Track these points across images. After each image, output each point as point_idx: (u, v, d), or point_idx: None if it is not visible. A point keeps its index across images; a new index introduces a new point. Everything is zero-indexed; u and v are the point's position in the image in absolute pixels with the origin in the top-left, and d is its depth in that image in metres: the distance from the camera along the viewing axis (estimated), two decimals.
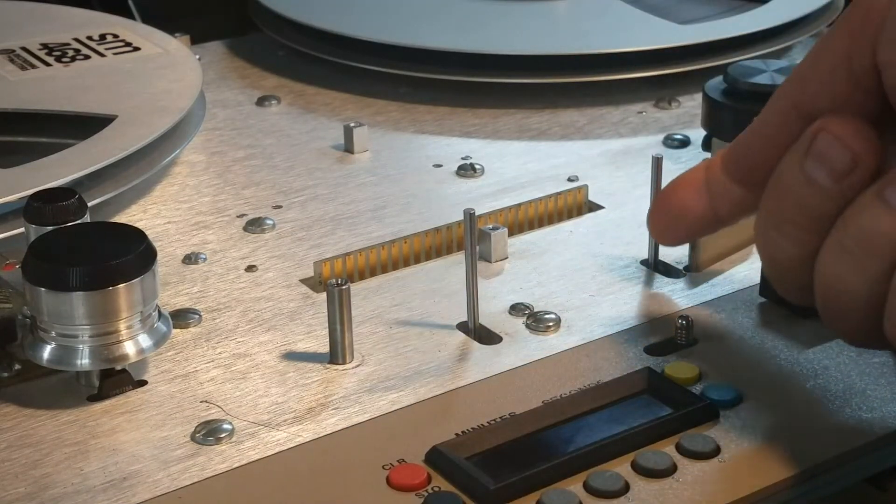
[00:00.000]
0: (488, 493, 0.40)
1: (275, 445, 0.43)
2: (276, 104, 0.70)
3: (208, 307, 0.51)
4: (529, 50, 0.70)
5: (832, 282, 0.40)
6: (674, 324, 0.48)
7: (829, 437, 0.43)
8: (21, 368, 0.46)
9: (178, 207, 0.59)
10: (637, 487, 0.40)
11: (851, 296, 0.40)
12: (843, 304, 0.40)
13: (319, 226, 0.57)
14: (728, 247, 0.54)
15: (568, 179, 0.61)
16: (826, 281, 0.40)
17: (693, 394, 0.44)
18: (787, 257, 0.41)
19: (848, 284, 0.40)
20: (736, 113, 0.58)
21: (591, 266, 0.53)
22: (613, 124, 0.67)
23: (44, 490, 0.41)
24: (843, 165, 0.39)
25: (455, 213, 0.55)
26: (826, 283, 0.40)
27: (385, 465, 0.41)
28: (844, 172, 0.39)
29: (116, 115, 0.60)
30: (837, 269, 0.40)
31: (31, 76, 0.66)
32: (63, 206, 0.46)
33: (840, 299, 0.40)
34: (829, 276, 0.40)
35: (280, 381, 0.46)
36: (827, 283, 0.40)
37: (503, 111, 0.69)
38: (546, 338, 0.48)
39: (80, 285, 0.43)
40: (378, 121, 0.68)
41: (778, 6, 0.76)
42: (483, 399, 0.45)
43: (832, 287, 0.40)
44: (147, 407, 0.45)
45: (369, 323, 0.49)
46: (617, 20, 0.75)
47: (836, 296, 0.40)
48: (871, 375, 0.46)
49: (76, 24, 0.72)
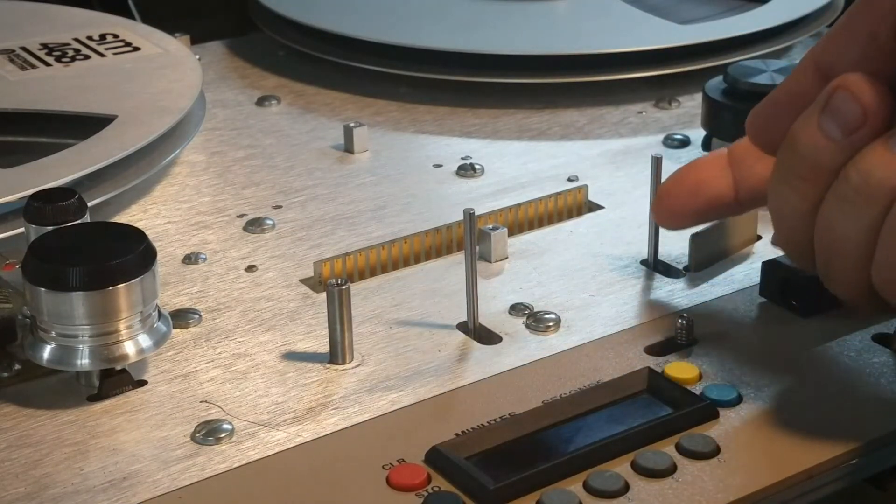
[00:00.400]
0: (488, 493, 0.40)
1: (275, 445, 0.43)
2: (276, 104, 0.70)
3: (208, 307, 0.51)
4: (529, 50, 0.70)
5: (830, 231, 0.42)
6: (674, 324, 0.48)
7: (829, 437, 0.43)
8: (21, 368, 0.46)
9: (178, 207, 0.59)
10: (637, 487, 0.40)
11: (846, 245, 0.42)
12: (839, 254, 0.42)
13: (319, 226, 0.57)
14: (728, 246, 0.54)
15: (568, 179, 0.61)
16: (824, 231, 0.43)
17: (693, 394, 0.44)
18: (793, 210, 0.43)
19: (844, 231, 0.42)
20: (736, 113, 0.58)
21: (591, 266, 0.53)
22: (613, 124, 0.67)
23: (44, 490, 0.41)
24: (854, 119, 0.41)
25: (455, 213, 0.55)
26: (824, 234, 0.43)
27: (385, 465, 0.41)
28: (855, 126, 0.41)
29: (116, 115, 0.60)
30: (835, 217, 0.42)
31: (31, 76, 0.66)
32: (63, 206, 0.46)
33: (836, 250, 0.42)
34: (827, 226, 0.42)
35: (280, 381, 0.46)
36: (825, 234, 0.43)
37: (503, 111, 0.69)
38: (546, 338, 0.48)
39: (80, 285, 0.43)
40: (378, 121, 0.68)
41: (778, 6, 0.76)
42: (483, 399, 0.45)
43: (829, 236, 0.42)
44: (147, 407, 0.45)
45: (369, 323, 0.49)
46: (617, 20, 0.75)
47: (833, 245, 0.42)
48: (871, 375, 0.46)
49: (76, 24, 0.72)
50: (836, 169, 0.42)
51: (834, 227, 0.42)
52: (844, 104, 0.42)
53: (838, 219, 0.42)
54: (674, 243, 0.53)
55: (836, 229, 0.42)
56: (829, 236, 0.43)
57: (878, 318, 0.47)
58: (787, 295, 0.50)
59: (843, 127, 0.42)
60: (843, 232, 0.42)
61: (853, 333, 0.48)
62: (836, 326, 0.48)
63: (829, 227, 0.42)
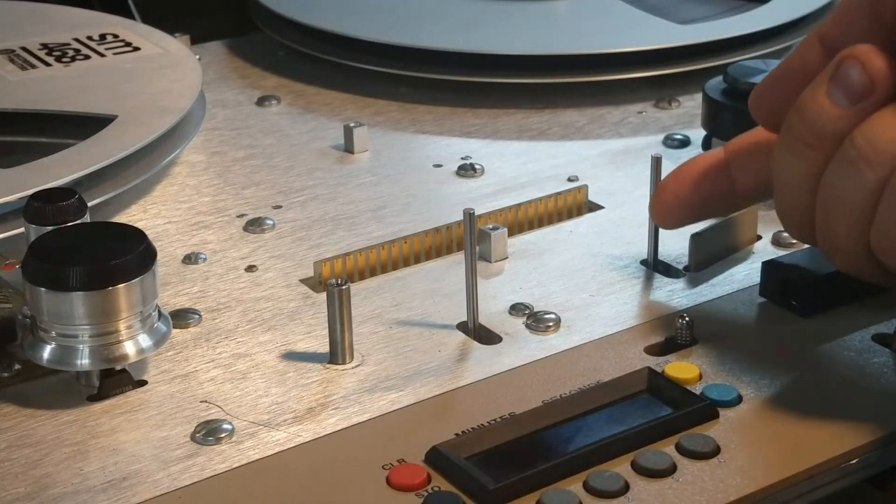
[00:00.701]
0: (488, 493, 0.40)
1: (275, 445, 0.43)
2: (276, 104, 0.70)
3: (208, 307, 0.51)
4: (529, 50, 0.70)
5: (833, 195, 0.43)
6: (674, 324, 0.48)
7: (829, 436, 0.43)
8: (21, 368, 0.46)
9: (178, 207, 0.59)
10: (637, 487, 0.40)
11: (848, 208, 0.43)
12: (840, 218, 0.43)
13: (319, 226, 0.57)
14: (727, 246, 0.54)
15: (568, 179, 0.61)
16: (828, 196, 0.43)
17: (693, 394, 0.44)
18: (797, 177, 0.44)
19: (846, 195, 0.43)
20: (736, 113, 0.58)
21: (591, 266, 0.53)
22: (613, 124, 0.67)
23: (44, 490, 0.41)
24: (862, 87, 0.42)
25: (455, 213, 0.55)
26: (827, 199, 0.43)
27: (385, 465, 0.41)
28: (862, 95, 0.43)
29: (116, 115, 0.60)
30: (839, 181, 0.43)
31: (31, 76, 0.66)
32: (63, 206, 0.46)
33: (837, 214, 0.43)
34: (830, 190, 0.43)
35: (280, 381, 0.46)
36: (828, 198, 0.43)
37: (503, 111, 0.69)
38: (546, 338, 0.48)
39: (80, 285, 0.43)
40: (378, 121, 0.68)
41: (778, 6, 0.76)
42: (483, 399, 0.45)
43: (832, 201, 0.43)
44: (147, 407, 0.45)
45: (369, 323, 0.49)
46: (617, 20, 0.75)
47: (835, 210, 0.43)
48: (871, 375, 0.46)
49: (76, 24, 0.72)
50: (841, 137, 0.43)
51: (837, 191, 0.43)
52: (853, 72, 0.43)
53: (842, 183, 0.43)
54: (674, 243, 0.53)
55: (840, 193, 0.43)
56: (831, 201, 0.43)
57: (878, 284, 0.47)
58: (787, 295, 0.50)
59: (850, 95, 0.43)
60: (846, 195, 0.43)
61: (853, 333, 0.48)
62: (836, 326, 0.49)
63: (833, 191, 0.43)
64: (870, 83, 0.42)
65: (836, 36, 0.45)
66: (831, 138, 0.43)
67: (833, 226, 0.44)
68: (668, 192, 0.50)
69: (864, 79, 0.42)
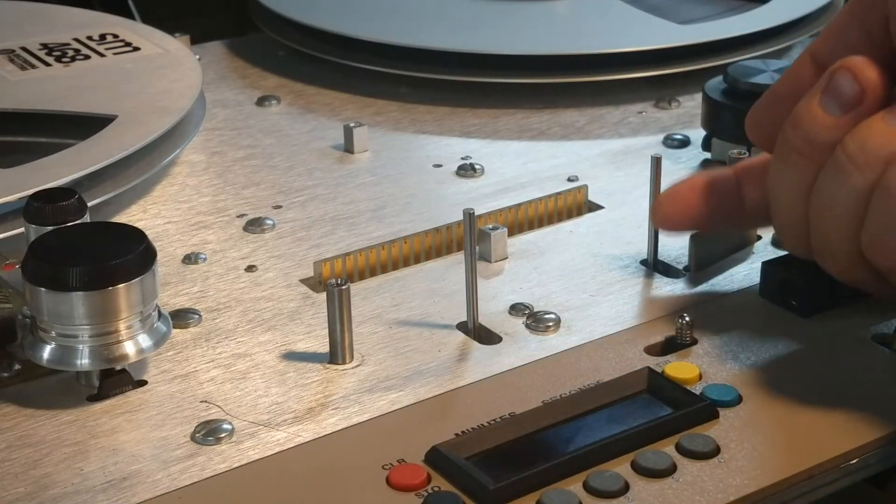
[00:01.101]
0: (488, 493, 0.40)
1: (275, 445, 0.43)
2: (276, 104, 0.70)
3: (208, 307, 0.51)
4: (529, 50, 0.70)
5: (825, 201, 0.44)
6: (674, 324, 0.48)
7: (829, 436, 0.43)
8: (21, 368, 0.46)
9: (178, 207, 0.59)
10: (637, 487, 0.40)
11: (840, 212, 0.44)
12: (832, 223, 0.44)
13: (319, 226, 0.57)
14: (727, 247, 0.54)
15: (568, 179, 0.61)
16: (820, 202, 0.44)
17: (693, 394, 0.44)
18: (791, 188, 0.45)
19: (838, 199, 0.44)
20: (736, 113, 0.58)
21: (591, 266, 0.53)
22: (613, 124, 0.67)
23: (44, 490, 0.41)
24: (853, 96, 0.44)
25: (455, 213, 0.55)
26: (820, 205, 0.44)
27: (385, 465, 0.41)
28: (854, 103, 0.44)
29: (116, 115, 0.60)
30: (832, 186, 0.44)
31: (31, 76, 0.66)
32: (63, 206, 0.46)
33: (830, 219, 0.44)
34: (823, 196, 0.44)
35: (280, 381, 0.46)
36: (820, 204, 0.44)
37: (503, 111, 0.69)
38: (546, 338, 0.48)
39: (80, 285, 0.43)
40: (378, 121, 0.68)
41: (778, 6, 0.76)
42: (483, 399, 0.45)
43: (824, 207, 0.44)
44: (147, 407, 0.45)
45: (369, 323, 0.49)
46: (617, 20, 0.75)
47: (827, 215, 0.44)
48: (872, 375, 0.46)
49: (76, 24, 0.72)
50: (833, 145, 0.44)
51: (829, 196, 0.44)
52: (844, 82, 0.44)
53: (834, 188, 0.44)
54: (674, 243, 0.53)
55: (831, 198, 0.44)
56: (823, 206, 0.44)
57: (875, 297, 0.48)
58: (786, 295, 0.50)
59: (842, 104, 0.44)
60: (837, 199, 0.44)
61: (853, 333, 0.48)
62: (836, 326, 0.49)
63: (824, 196, 0.44)
64: (861, 92, 0.44)
65: (827, 52, 0.47)
66: (824, 147, 0.44)
67: (826, 231, 0.44)
68: (678, 199, 0.50)
69: (856, 88, 0.44)
